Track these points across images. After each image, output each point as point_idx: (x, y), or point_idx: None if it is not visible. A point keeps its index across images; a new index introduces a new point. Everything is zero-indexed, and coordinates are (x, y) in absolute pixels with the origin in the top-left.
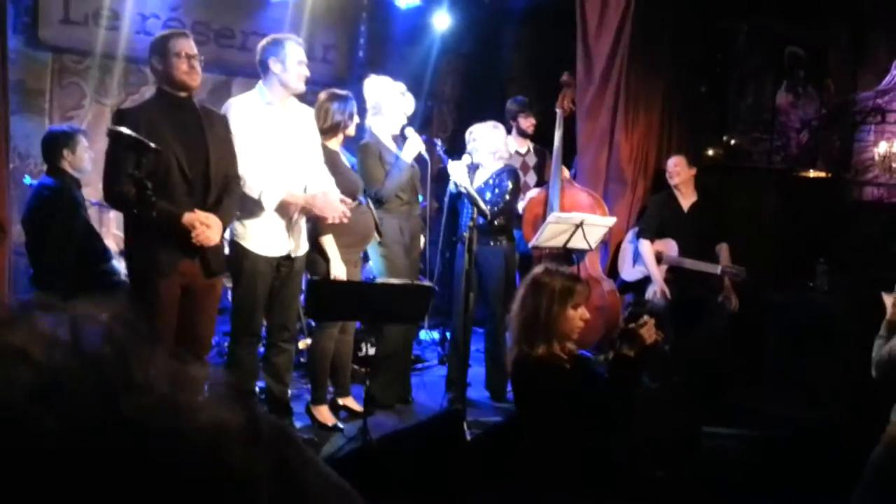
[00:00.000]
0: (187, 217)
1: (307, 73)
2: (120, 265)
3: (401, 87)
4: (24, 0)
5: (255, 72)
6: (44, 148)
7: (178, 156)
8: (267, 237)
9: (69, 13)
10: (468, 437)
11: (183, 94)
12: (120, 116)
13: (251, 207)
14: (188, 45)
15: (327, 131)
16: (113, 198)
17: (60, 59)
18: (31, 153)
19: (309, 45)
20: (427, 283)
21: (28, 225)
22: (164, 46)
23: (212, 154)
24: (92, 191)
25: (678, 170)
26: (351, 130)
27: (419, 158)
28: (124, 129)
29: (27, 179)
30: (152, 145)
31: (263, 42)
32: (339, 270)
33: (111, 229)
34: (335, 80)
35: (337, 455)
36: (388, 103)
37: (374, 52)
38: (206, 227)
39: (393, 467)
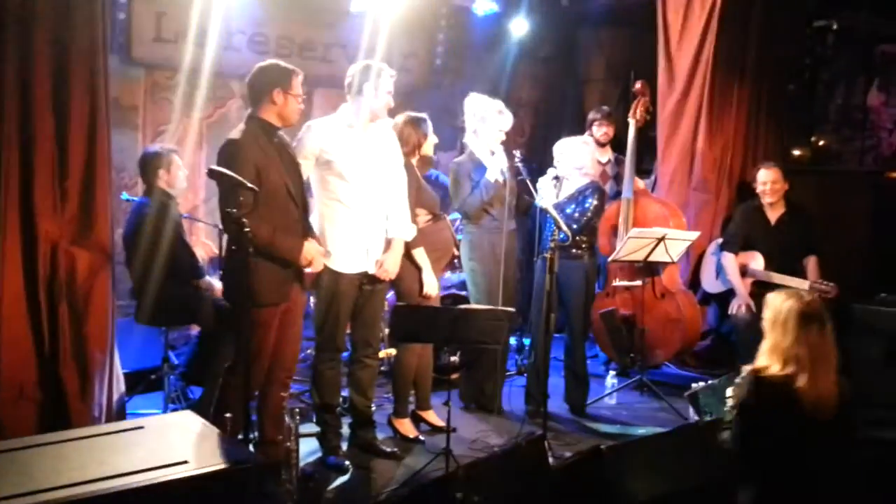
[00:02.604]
0: (307, 249)
1: (392, 104)
2: (213, 280)
3: (498, 104)
4: (118, 20)
5: (335, 83)
6: (141, 168)
7: (287, 182)
8: (348, 255)
9: (161, 32)
10: (551, 460)
11: (280, 126)
12: (232, 149)
13: (332, 227)
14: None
15: (409, 152)
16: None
17: (152, 76)
18: (125, 167)
19: (387, 54)
20: (507, 308)
21: (128, 241)
22: (289, 83)
23: (301, 178)
24: (181, 202)
25: (776, 187)
26: (427, 149)
27: (509, 174)
28: (225, 171)
29: (125, 196)
30: (249, 185)
31: (358, 66)
32: (430, 280)
33: (200, 238)
34: (413, 87)
35: (422, 474)
36: (485, 121)
37: (453, 59)
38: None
39: (479, 495)
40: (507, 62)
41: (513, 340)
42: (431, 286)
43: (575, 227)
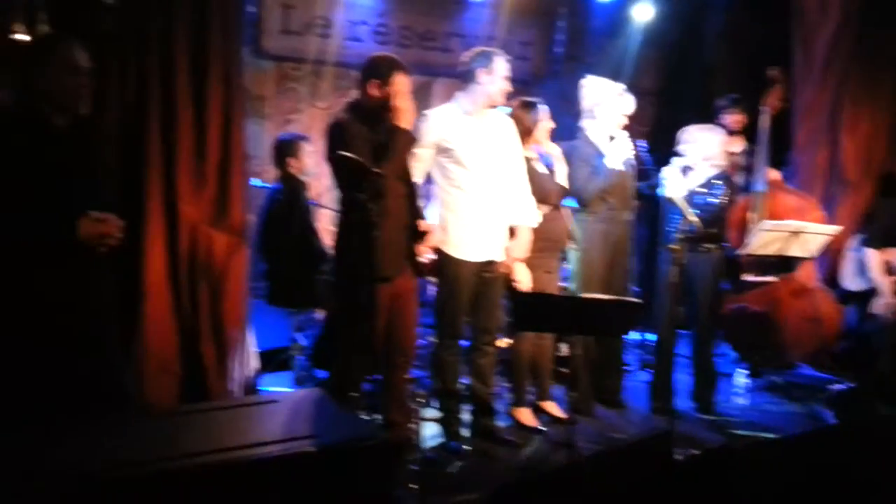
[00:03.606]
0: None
1: (510, 89)
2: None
3: (619, 87)
4: (249, 14)
5: (454, 72)
6: (274, 155)
7: (396, 170)
8: (468, 243)
9: (289, 24)
10: (677, 457)
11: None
12: (340, 130)
13: (452, 214)
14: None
15: (520, 139)
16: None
17: (280, 67)
18: (255, 155)
19: (506, 42)
20: (634, 299)
21: (260, 226)
22: (388, 76)
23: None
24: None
25: None
26: (541, 136)
27: (630, 162)
28: (349, 154)
29: (254, 182)
30: (374, 169)
31: (473, 52)
32: (522, 272)
33: (323, 224)
34: (532, 76)
35: (543, 464)
36: (604, 105)
37: (573, 46)
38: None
39: (602, 487)
40: (630, 49)
41: (636, 336)
42: (523, 278)
43: (703, 218)
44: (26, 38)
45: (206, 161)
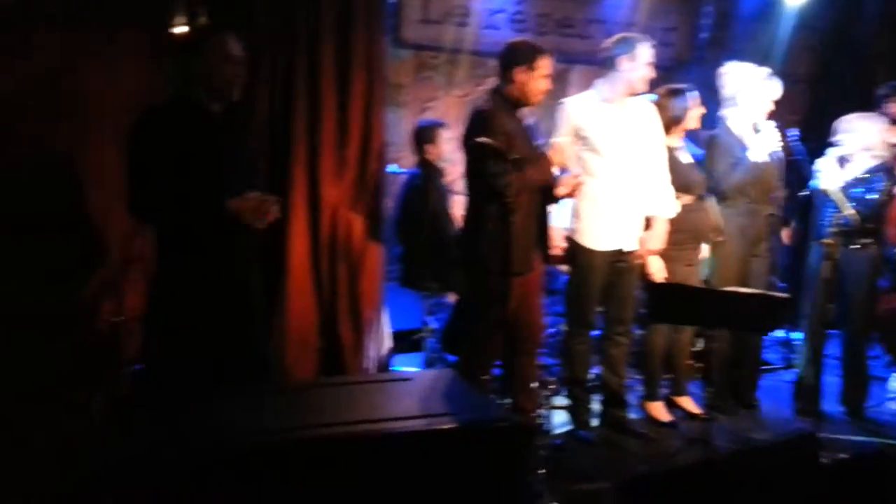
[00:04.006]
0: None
1: (653, 75)
2: None
3: (763, 71)
4: (389, 4)
5: (593, 59)
6: (413, 141)
7: (525, 155)
8: (602, 232)
9: (428, 13)
10: (823, 460)
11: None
12: (482, 118)
13: (587, 203)
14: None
15: (665, 127)
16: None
17: (418, 56)
18: (391, 141)
19: (648, 28)
20: (782, 294)
21: (397, 211)
22: (534, 62)
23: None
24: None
25: None
26: (691, 124)
27: (777, 154)
28: (487, 140)
29: (392, 168)
30: (514, 156)
31: (615, 38)
32: (656, 264)
33: (457, 210)
34: (674, 62)
35: (677, 458)
36: (747, 92)
37: (719, 31)
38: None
39: (740, 486)
40: (781, 33)
41: (780, 333)
42: (656, 270)
43: (861, 212)
44: (186, 30)
45: (348, 147)
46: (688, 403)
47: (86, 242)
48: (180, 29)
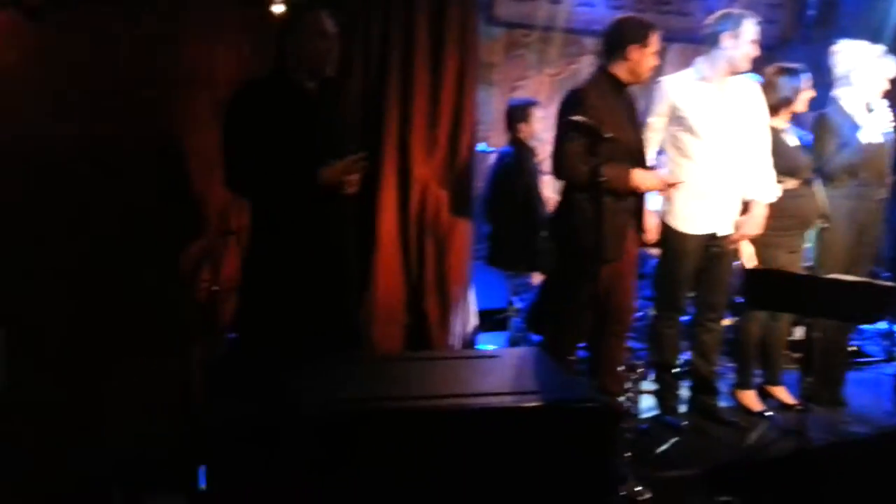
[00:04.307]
0: (636, 175)
1: (757, 54)
2: None
3: (878, 49)
4: None
5: (691, 37)
6: (506, 120)
7: (629, 142)
8: (695, 216)
9: None
10: None
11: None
12: (576, 97)
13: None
14: None
15: (772, 108)
16: (564, 176)
17: (511, 34)
18: (481, 120)
19: (751, 4)
20: (888, 283)
21: (487, 189)
22: (646, 39)
23: (641, 139)
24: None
25: None
26: (800, 106)
27: (891, 134)
28: (582, 119)
29: (481, 146)
30: (608, 135)
31: (718, 14)
32: (746, 250)
33: (544, 191)
34: (779, 41)
35: (769, 448)
36: (861, 71)
37: (826, 8)
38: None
39: (834, 479)
40: (892, 10)
41: (882, 325)
42: (747, 256)
43: None
44: (282, 8)
45: (439, 125)
46: (782, 393)
47: (186, 213)
48: (277, 6)
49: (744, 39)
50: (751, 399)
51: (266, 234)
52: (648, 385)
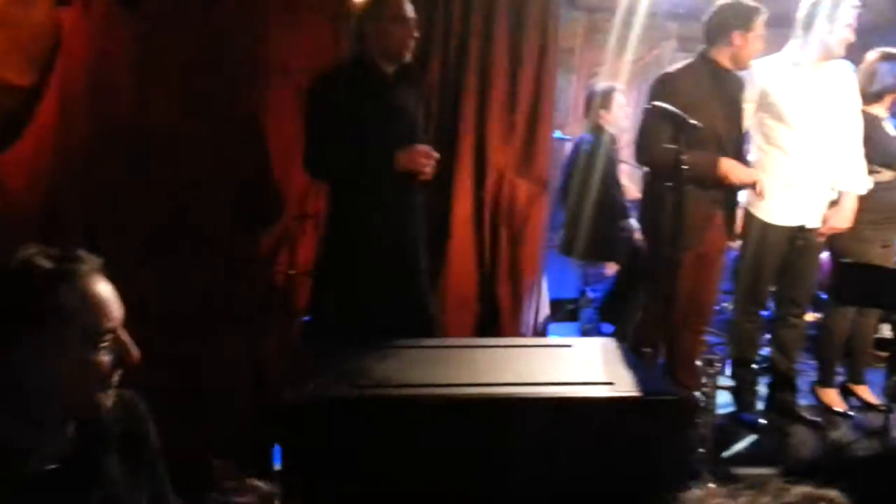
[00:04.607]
0: (725, 164)
1: (852, 39)
2: (634, 222)
3: None
4: None
5: (782, 22)
6: (585, 105)
7: (716, 127)
8: (781, 206)
9: None
10: None
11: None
12: (663, 82)
13: (767, 175)
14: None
15: (871, 96)
16: (645, 162)
17: (591, 18)
18: (558, 106)
19: None
20: None
21: (564, 177)
22: (752, 23)
23: (738, 128)
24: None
25: None
26: None
27: None
28: (666, 105)
29: (557, 134)
30: (692, 122)
31: None
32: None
33: (622, 179)
34: (873, 26)
35: (850, 449)
36: None
37: None
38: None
39: None
40: None
41: None
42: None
43: None
44: None
45: (517, 111)
46: (865, 392)
47: (266, 197)
48: None
49: (839, 24)
50: (832, 397)
51: (342, 219)
52: (725, 381)
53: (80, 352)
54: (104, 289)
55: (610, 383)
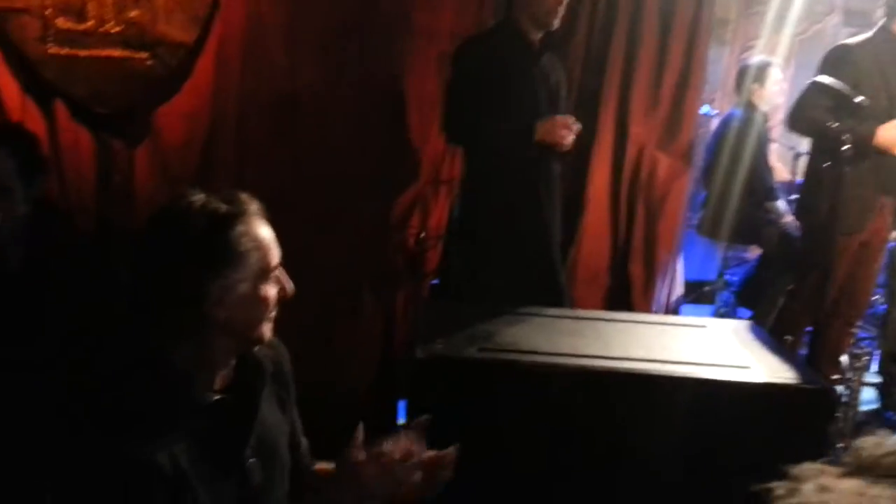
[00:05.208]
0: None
1: None
2: (782, 205)
3: None
4: None
5: None
6: (736, 80)
7: (884, 109)
8: None
9: None
10: None
11: None
12: (839, 54)
13: None
14: None
15: None
16: (797, 126)
17: None
18: (708, 80)
19: None
20: None
21: (708, 154)
22: None
23: None
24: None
25: None
26: None
27: None
28: (828, 80)
29: (705, 109)
30: (857, 100)
31: None
32: None
33: (771, 160)
34: None
35: None
36: None
37: None
38: None
39: None
40: None
41: None
42: None
43: None
44: None
45: (663, 83)
46: None
47: (403, 161)
48: None
49: None
50: None
51: (477, 186)
52: (871, 376)
53: (255, 286)
54: (269, 229)
55: (746, 367)
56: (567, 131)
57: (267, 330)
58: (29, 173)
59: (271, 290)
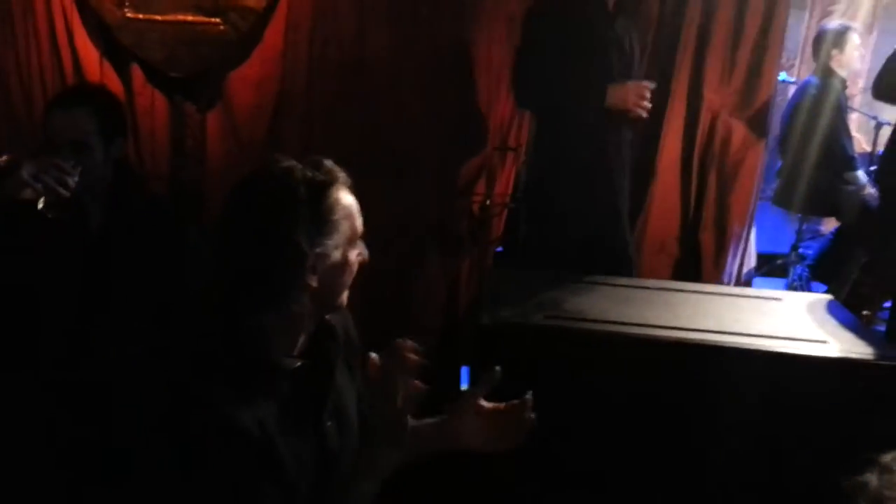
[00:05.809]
0: None
1: None
2: (862, 175)
3: None
4: None
5: None
6: (814, 46)
7: None
8: None
9: None
10: None
11: None
12: None
13: None
14: None
15: None
16: (883, 93)
17: None
18: (786, 46)
19: None
20: None
21: (784, 123)
22: None
23: None
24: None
25: None
26: None
27: None
28: None
29: (782, 76)
30: None
31: None
32: None
33: (851, 130)
34: None
35: None
36: None
37: None
38: None
39: None
40: None
41: None
42: None
43: None
44: None
45: (739, 50)
46: None
47: (471, 128)
48: None
49: None
50: None
51: (546, 151)
52: None
53: (344, 253)
54: (353, 196)
55: (823, 342)
56: (639, 99)
57: (345, 297)
58: (109, 133)
59: (355, 256)
